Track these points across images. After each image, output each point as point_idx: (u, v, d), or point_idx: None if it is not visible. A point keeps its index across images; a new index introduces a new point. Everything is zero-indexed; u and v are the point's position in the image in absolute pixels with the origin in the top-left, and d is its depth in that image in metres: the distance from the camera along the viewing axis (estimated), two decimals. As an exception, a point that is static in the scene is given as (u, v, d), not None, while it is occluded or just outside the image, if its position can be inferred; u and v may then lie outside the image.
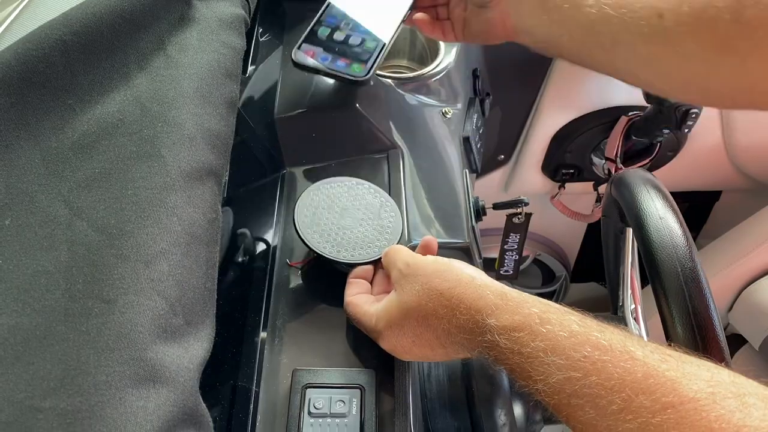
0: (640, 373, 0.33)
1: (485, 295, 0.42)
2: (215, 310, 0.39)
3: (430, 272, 0.47)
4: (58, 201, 0.37)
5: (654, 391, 0.32)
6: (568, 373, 0.35)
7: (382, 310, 0.50)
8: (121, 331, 0.31)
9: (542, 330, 0.38)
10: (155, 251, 0.34)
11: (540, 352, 0.37)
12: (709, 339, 0.47)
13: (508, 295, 0.42)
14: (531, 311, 0.40)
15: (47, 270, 0.34)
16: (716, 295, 1.10)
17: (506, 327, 0.39)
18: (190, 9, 0.49)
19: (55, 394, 0.29)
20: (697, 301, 0.46)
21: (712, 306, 0.47)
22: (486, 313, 0.41)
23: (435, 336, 0.46)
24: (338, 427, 0.50)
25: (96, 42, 0.44)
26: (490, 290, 0.43)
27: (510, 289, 0.43)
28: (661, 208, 0.52)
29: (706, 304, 0.47)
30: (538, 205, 1.29)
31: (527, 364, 0.38)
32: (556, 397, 0.36)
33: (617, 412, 0.33)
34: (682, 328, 0.47)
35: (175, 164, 0.38)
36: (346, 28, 0.70)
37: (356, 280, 0.56)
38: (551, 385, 0.36)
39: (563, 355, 0.36)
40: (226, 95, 0.46)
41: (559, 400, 0.36)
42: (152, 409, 0.30)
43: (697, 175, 1.21)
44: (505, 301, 0.41)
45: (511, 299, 0.41)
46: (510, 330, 0.39)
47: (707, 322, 0.46)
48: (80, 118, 0.41)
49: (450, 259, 0.48)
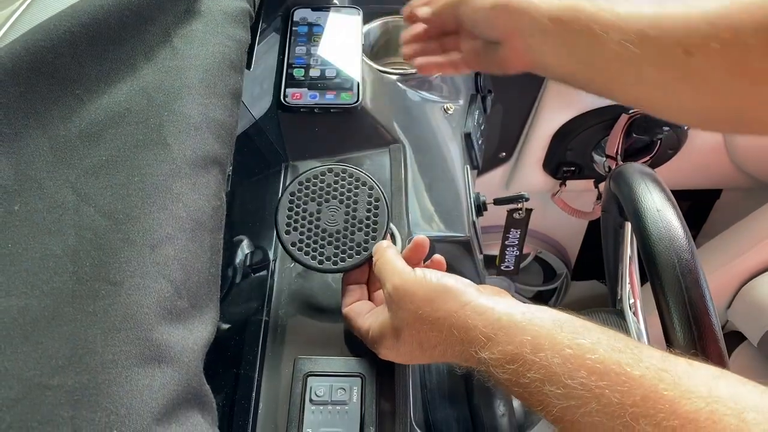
0: (638, 396, 0.33)
1: (476, 326, 0.41)
2: (219, 296, 0.39)
3: (419, 300, 0.45)
4: (66, 187, 0.38)
5: (654, 414, 0.32)
6: (567, 402, 0.35)
7: (377, 326, 0.49)
8: (128, 312, 0.32)
9: (536, 360, 0.38)
10: (161, 236, 0.35)
11: (537, 382, 0.37)
12: (706, 331, 0.47)
13: (500, 323, 0.41)
14: (523, 339, 0.39)
15: (55, 254, 0.34)
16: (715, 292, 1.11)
17: (500, 360, 0.39)
18: (196, 2, 0.50)
19: (63, 372, 0.30)
20: (693, 292, 0.47)
21: (708, 298, 0.47)
22: (478, 347, 0.41)
23: (431, 356, 0.46)
24: (339, 415, 0.51)
25: (103, 33, 0.44)
26: (480, 320, 0.42)
27: (502, 309, 0.42)
28: (658, 201, 0.52)
29: (703, 295, 0.47)
30: (539, 202, 1.30)
31: (526, 394, 0.38)
32: (560, 425, 0.36)
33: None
34: (679, 320, 0.47)
35: (180, 152, 0.39)
36: (316, 64, 0.75)
37: (351, 287, 0.55)
38: (553, 414, 0.36)
39: (560, 384, 0.36)
40: (231, 86, 0.47)
41: (563, 427, 0.36)
42: (157, 387, 0.30)
43: (697, 173, 1.22)
44: (496, 331, 0.40)
45: (502, 327, 0.40)
46: (504, 363, 0.39)
47: (703, 314, 0.47)
48: (88, 107, 0.42)
49: (442, 278, 0.46)
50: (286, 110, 0.72)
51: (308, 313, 0.59)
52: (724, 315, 1.13)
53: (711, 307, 0.47)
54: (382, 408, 0.52)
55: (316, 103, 0.71)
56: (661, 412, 0.32)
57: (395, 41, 0.92)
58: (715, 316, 0.47)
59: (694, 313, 0.46)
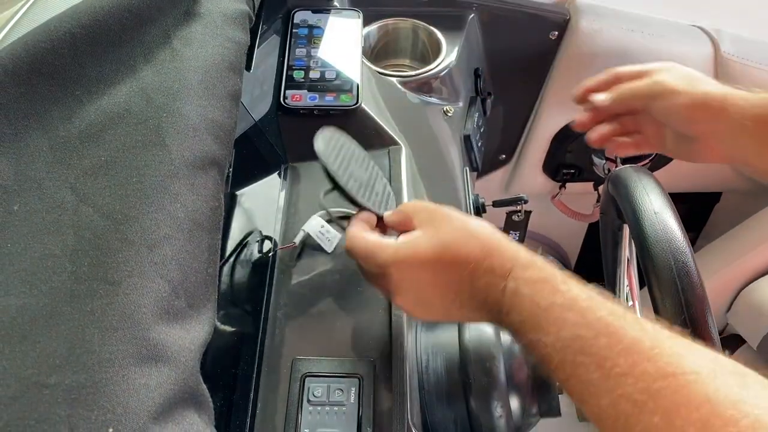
0: (648, 343, 0.35)
1: (519, 250, 0.44)
2: (217, 296, 0.40)
3: (466, 217, 0.47)
4: (65, 188, 0.38)
5: (658, 360, 0.33)
6: (580, 331, 0.37)
7: (405, 243, 0.47)
8: (125, 311, 0.32)
9: (563, 288, 0.40)
10: (159, 236, 0.35)
11: (557, 306, 0.39)
12: (702, 333, 0.47)
13: (537, 258, 0.44)
14: (556, 273, 0.42)
15: (54, 253, 0.35)
16: (714, 295, 1.11)
17: (531, 278, 0.42)
18: (195, 4, 0.50)
19: (61, 370, 0.30)
20: (690, 295, 0.47)
21: (705, 300, 0.47)
22: (516, 264, 0.43)
23: (458, 282, 0.45)
24: (336, 415, 0.51)
25: (103, 35, 0.45)
26: (522, 251, 0.44)
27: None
28: (656, 203, 0.52)
29: (700, 298, 0.47)
30: (539, 204, 1.30)
31: (542, 316, 0.39)
32: (562, 353, 0.37)
33: (620, 375, 0.34)
34: (675, 322, 0.47)
35: (178, 153, 0.39)
36: (316, 66, 0.75)
37: (362, 218, 0.53)
38: (562, 339, 0.38)
39: (579, 313, 0.38)
40: (230, 88, 0.47)
41: (564, 357, 0.37)
42: (154, 386, 0.31)
43: (696, 176, 1.22)
44: (534, 260, 0.43)
45: (540, 261, 0.43)
46: (534, 282, 0.41)
47: (700, 316, 0.47)
48: (87, 108, 0.42)
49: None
50: (286, 112, 0.72)
51: (307, 313, 0.60)
52: (723, 318, 1.14)
53: (707, 310, 0.47)
54: (379, 409, 0.53)
55: (315, 105, 0.72)
56: (665, 360, 0.33)
57: (394, 43, 0.92)
58: (711, 318, 0.47)
59: (690, 315, 0.47)
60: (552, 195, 1.25)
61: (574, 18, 0.95)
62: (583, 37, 0.94)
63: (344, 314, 0.60)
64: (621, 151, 0.63)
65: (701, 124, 0.54)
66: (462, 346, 0.62)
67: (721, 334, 1.17)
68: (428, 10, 0.93)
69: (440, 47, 0.88)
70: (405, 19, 0.90)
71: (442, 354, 0.64)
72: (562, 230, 1.39)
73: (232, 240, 0.63)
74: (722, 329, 1.18)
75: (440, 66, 0.86)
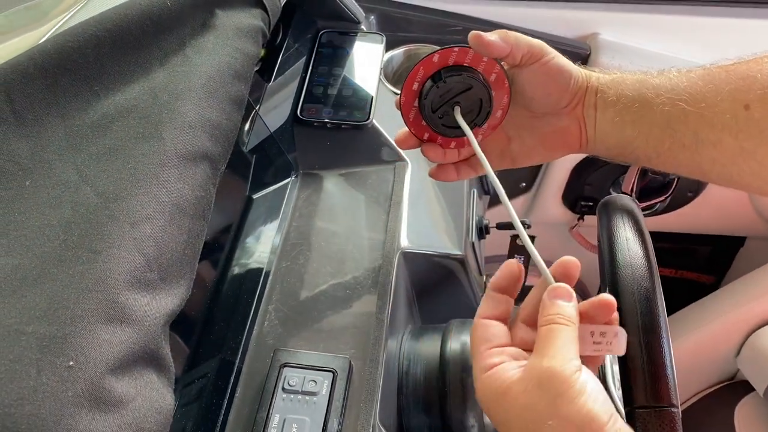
0: None
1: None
2: (194, 276, 0.44)
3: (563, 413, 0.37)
4: (72, 169, 0.43)
5: None
6: None
7: (516, 369, 0.40)
8: (100, 276, 0.36)
9: None
10: (142, 215, 0.40)
11: None
12: (656, 357, 0.48)
13: None
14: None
15: (51, 223, 0.39)
16: (724, 338, 1.09)
17: None
18: (212, 17, 0.56)
19: (38, 321, 0.34)
20: (648, 319, 0.49)
21: (663, 327, 0.49)
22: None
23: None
24: (307, 404, 0.54)
25: (125, 39, 0.50)
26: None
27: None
28: (629, 231, 0.54)
29: (657, 324, 0.49)
30: (558, 235, 1.31)
31: None
32: None
33: None
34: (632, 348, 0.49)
35: (172, 145, 0.44)
36: (336, 84, 0.81)
37: (497, 295, 0.46)
38: None
39: None
40: (232, 93, 0.52)
41: None
42: (116, 343, 0.35)
43: (720, 219, 1.21)
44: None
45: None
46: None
47: (656, 341, 0.48)
48: (103, 102, 0.48)
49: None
50: (301, 123, 0.77)
51: (296, 310, 0.63)
52: (733, 363, 1.12)
53: (664, 338, 0.48)
54: (348, 403, 0.56)
55: (329, 119, 0.76)
56: None
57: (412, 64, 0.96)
58: (668, 346, 0.48)
59: (646, 340, 0.48)
60: (570, 226, 1.26)
61: (594, 54, 0.97)
62: (603, 72, 0.97)
63: (332, 314, 0.63)
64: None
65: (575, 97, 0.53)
66: (442, 357, 0.65)
67: (731, 381, 1.15)
68: (453, 39, 0.97)
69: (458, 73, 0.91)
70: (427, 45, 0.94)
71: (423, 362, 0.66)
72: (581, 263, 1.39)
73: (238, 236, 0.68)
74: (732, 376, 1.16)
75: (456, 90, 0.89)
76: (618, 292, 0.51)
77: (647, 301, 0.49)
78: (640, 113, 0.50)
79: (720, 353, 1.12)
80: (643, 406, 0.46)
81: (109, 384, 0.34)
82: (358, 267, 0.67)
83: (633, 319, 0.49)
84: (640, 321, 0.49)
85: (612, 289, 0.52)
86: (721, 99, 0.45)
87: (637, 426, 0.45)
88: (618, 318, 0.47)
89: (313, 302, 0.65)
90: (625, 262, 0.52)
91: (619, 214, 0.57)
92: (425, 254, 0.72)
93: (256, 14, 0.59)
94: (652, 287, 0.50)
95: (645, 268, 0.51)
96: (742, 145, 0.46)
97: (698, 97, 0.47)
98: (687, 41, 0.99)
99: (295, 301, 0.64)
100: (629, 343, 0.47)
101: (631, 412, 0.46)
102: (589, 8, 0.99)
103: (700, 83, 0.47)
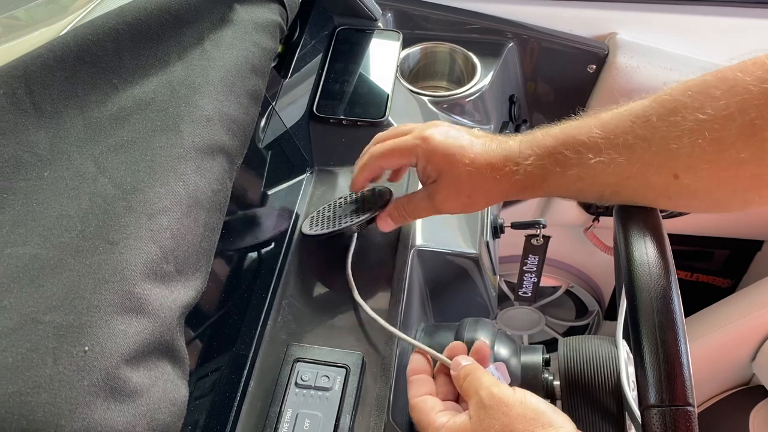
0: None
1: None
2: (209, 269, 0.44)
3: (513, 415, 0.44)
4: (90, 161, 0.43)
5: None
6: None
7: (453, 426, 0.46)
8: (117, 267, 0.36)
9: None
10: (159, 207, 0.40)
11: None
12: (672, 355, 0.48)
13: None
14: None
15: (69, 214, 0.40)
16: (739, 342, 1.08)
17: None
18: (230, 11, 0.56)
19: (55, 311, 0.34)
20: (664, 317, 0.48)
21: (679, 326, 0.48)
22: None
23: None
24: (320, 399, 0.54)
25: (144, 32, 0.50)
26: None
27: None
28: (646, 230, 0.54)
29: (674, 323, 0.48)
30: (573, 236, 1.30)
31: None
32: None
33: None
34: (648, 348, 0.48)
35: (190, 139, 0.44)
36: (352, 81, 0.81)
37: (419, 377, 0.53)
38: None
39: None
40: (250, 88, 0.52)
41: None
42: (131, 333, 0.35)
43: (736, 221, 1.20)
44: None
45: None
46: None
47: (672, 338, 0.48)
48: (121, 94, 0.48)
49: (541, 403, 0.46)
50: (317, 120, 0.77)
51: (310, 306, 0.63)
52: (749, 368, 1.11)
53: (681, 338, 0.48)
54: (361, 399, 0.56)
55: (345, 116, 0.76)
56: None
57: (432, 66, 0.96)
58: (684, 344, 0.48)
59: (662, 338, 0.47)
60: (585, 227, 1.25)
61: (612, 53, 0.96)
62: (620, 72, 0.96)
63: (345, 310, 0.63)
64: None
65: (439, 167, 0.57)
66: (456, 354, 0.64)
67: (746, 386, 1.14)
68: (470, 36, 0.97)
69: (475, 71, 0.91)
70: (443, 43, 0.94)
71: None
72: (595, 264, 1.38)
73: (253, 230, 0.68)
74: (747, 380, 1.15)
75: (473, 89, 0.89)
76: (634, 289, 0.51)
77: (663, 299, 0.49)
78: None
79: (735, 358, 1.11)
80: (658, 405, 0.46)
81: (124, 374, 0.34)
82: (371, 264, 0.67)
83: (649, 316, 0.48)
84: (657, 319, 0.48)
85: (628, 287, 0.51)
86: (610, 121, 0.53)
87: (653, 425, 0.45)
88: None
89: (325, 298, 0.65)
90: (642, 260, 0.51)
91: (637, 214, 0.56)
92: (439, 252, 0.71)
93: (275, 9, 0.59)
94: (668, 285, 0.49)
95: (661, 266, 0.50)
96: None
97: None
98: (705, 41, 0.97)
99: (308, 296, 0.64)
100: (646, 342, 0.47)
101: (647, 411, 0.46)
102: (608, 7, 0.98)
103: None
